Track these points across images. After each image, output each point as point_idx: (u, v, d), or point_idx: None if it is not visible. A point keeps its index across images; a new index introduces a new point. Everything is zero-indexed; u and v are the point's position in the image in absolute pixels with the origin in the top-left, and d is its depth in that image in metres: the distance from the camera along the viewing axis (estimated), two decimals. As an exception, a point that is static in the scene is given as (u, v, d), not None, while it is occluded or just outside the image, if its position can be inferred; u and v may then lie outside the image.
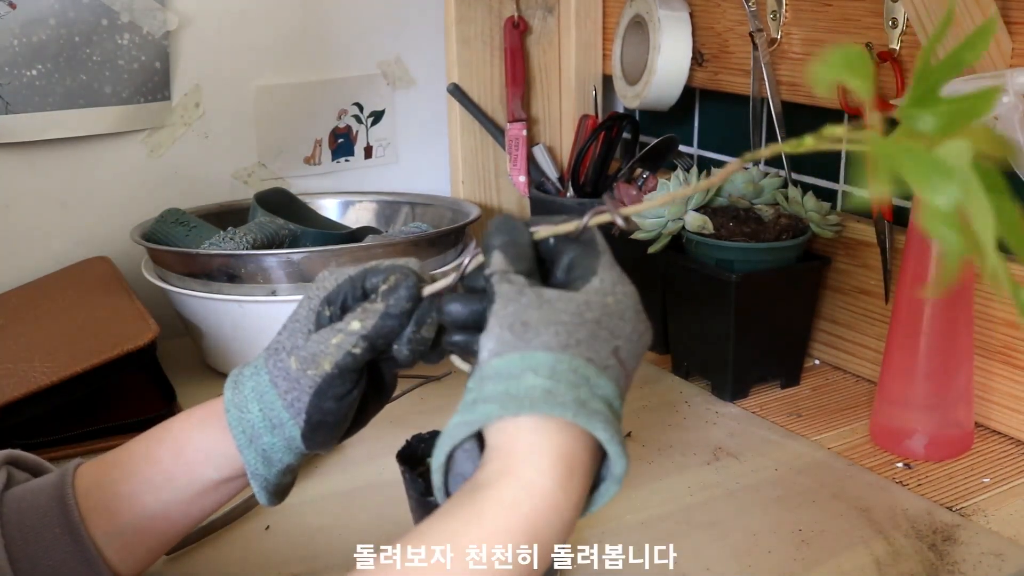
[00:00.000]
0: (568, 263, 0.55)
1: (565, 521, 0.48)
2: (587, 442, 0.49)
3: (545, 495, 0.47)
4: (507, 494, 0.47)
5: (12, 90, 1.08)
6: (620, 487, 0.51)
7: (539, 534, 0.47)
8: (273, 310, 0.99)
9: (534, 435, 0.48)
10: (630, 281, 0.54)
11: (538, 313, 0.51)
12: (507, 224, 0.56)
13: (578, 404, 0.48)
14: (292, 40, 1.25)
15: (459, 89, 1.31)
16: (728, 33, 1.17)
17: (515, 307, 0.51)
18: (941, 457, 0.91)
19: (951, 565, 0.75)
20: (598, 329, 0.51)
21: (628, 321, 0.52)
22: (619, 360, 0.51)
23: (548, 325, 0.50)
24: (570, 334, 0.50)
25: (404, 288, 0.58)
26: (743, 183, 1.06)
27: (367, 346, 0.57)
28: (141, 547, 0.62)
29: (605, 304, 0.52)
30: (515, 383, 0.49)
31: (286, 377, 0.59)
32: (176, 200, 1.17)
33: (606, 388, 0.50)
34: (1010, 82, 0.81)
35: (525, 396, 0.48)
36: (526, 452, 0.48)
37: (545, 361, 0.49)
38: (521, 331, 0.50)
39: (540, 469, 0.47)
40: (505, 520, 0.47)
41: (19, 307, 1.06)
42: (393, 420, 0.71)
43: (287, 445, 0.60)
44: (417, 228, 1.18)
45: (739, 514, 0.82)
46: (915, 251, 0.88)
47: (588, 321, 0.51)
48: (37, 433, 0.89)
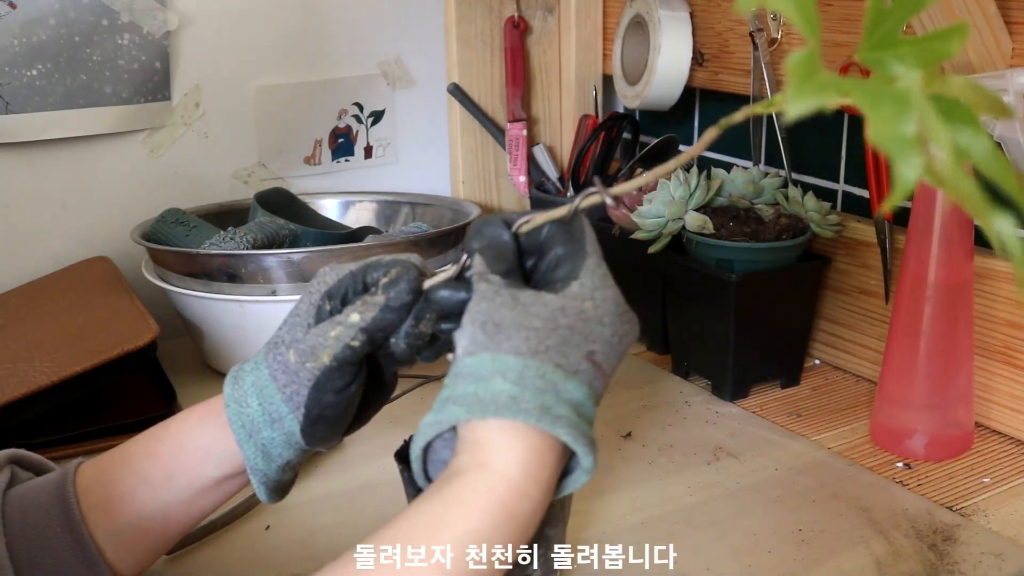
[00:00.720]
0: (554, 261, 0.56)
1: (536, 504, 0.51)
2: (554, 440, 0.52)
3: (515, 484, 0.50)
4: (481, 482, 0.50)
5: (12, 90, 1.08)
6: (591, 475, 0.53)
7: (514, 516, 0.50)
8: (273, 310, 0.99)
9: (502, 434, 0.51)
10: (614, 283, 0.55)
11: (511, 315, 0.52)
12: (487, 226, 0.57)
13: (541, 410, 0.50)
14: (292, 40, 1.25)
15: (459, 89, 1.31)
16: (728, 33, 1.17)
17: (488, 306, 0.53)
18: (941, 457, 0.91)
19: (951, 565, 0.75)
20: (571, 335, 0.52)
21: (607, 325, 0.53)
22: (593, 363, 0.53)
23: (519, 329, 0.52)
24: (540, 340, 0.52)
25: (405, 281, 0.58)
26: (743, 183, 1.06)
27: (366, 339, 0.57)
28: (141, 546, 0.62)
29: (582, 310, 0.53)
30: (484, 386, 0.51)
31: (285, 371, 0.59)
32: (176, 200, 1.17)
33: (575, 392, 0.52)
34: (1010, 82, 0.81)
35: (491, 401, 0.51)
36: (495, 447, 0.51)
37: (514, 366, 0.51)
38: (493, 331, 0.52)
39: (508, 462, 0.50)
40: (484, 503, 0.50)
41: (19, 307, 1.06)
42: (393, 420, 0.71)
43: (286, 440, 0.60)
44: (417, 228, 1.18)
45: (739, 514, 0.82)
46: (915, 251, 0.88)
47: (561, 327, 0.52)
48: (37, 433, 0.89)
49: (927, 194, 0.86)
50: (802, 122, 0.41)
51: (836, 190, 1.12)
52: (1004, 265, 0.92)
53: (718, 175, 1.07)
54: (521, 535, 0.51)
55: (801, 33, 0.40)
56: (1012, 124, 0.81)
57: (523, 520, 0.51)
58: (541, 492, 0.51)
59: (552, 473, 0.52)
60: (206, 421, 0.62)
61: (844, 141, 1.10)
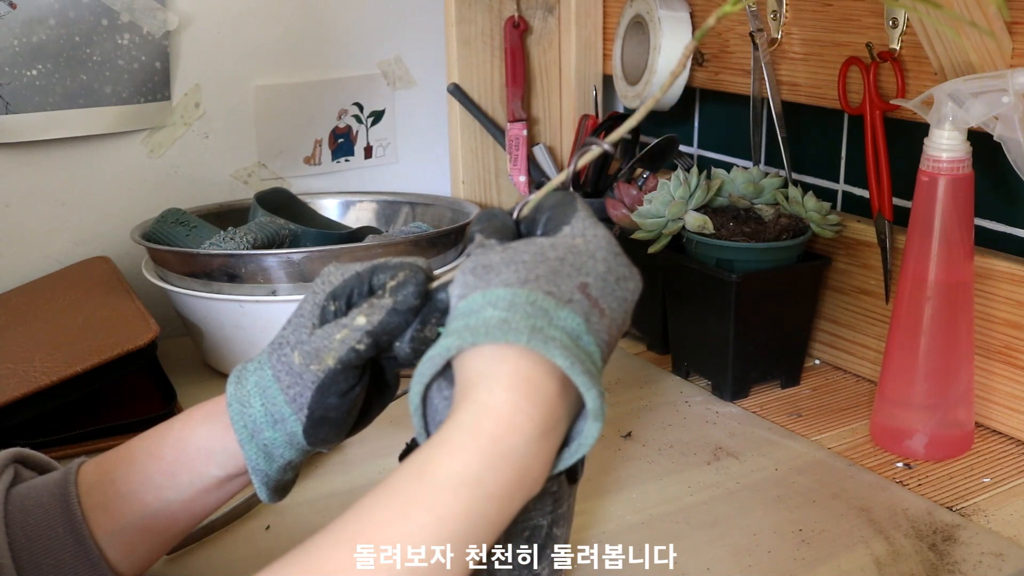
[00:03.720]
0: (544, 221, 0.56)
1: (532, 448, 0.48)
2: (550, 370, 0.50)
3: (501, 416, 0.48)
4: (466, 417, 0.48)
5: (12, 90, 1.08)
6: (601, 423, 0.50)
7: (507, 454, 0.47)
8: (273, 310, 0.99)
9: (490, 362, 0.49)
10: (608, 232, 0.55)
11: (500, 257, 0.53)
12: (487, 212, 0.58)
13: (532, 331, 0.49)
14: (292, 40, 1.26)
15: (459, 89, 1.31)
16: (728, 33, 1.17)
17: (479, 255, 0.54)
18: (941, 457, 0.91)
19: (951, 565, 0.75)
20: (560, 266, 0.52)
21: (600, 261, 0.53)
22: (588, 296, 0.52)
23: (508, 264, 0.52)
24: (529, 270, 0.52)
25: (412, 285, 0.58)
26: (743, 183, 1.06)
27: (371, 342, 0.57)
28: (143, 546, 0.62)
29: (572, 245, 0.53)
30: (474, 317, 0.50)
31: (289, 372, 0.59)
32: (176, 200, 1.17)
33: (568, 320, 0.51)
34: (1010, 82, 0.81)
35: (481, 326, 0.49)
36: (481, 377, 0.49)
37: (503, 296, 0.51)
38: (483, 273, 0.52)
39: (493, 391, 0.48)
40: (470, 441, 0.47)
41: (19, 307, 1.06)
42: (393, 420, 0.70)
43: (288, 440, 0.60)
44: (417, 228, 1.18)
45: (739, 514, 0.82)
46: (915, 251, 0.88)
47: (550, 259, 0.52)
48: (37, 433, 0.89)
49: (927, 194, 0.86)
50: (803, 122, 0.41)
51: (836, 190, 1.12)
52: (1004, 265, 0.92)
53: (718, 175, 1.07)
54: (519, 479, 0.48)
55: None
56: (1012, 124, 0.81)
57: (518, 460, 0.48)
58: (535, 428, 0.48)
59: (550, 411, 0.49)
60: (208, 421, 0.62)
61: (844, 141, 1.10)
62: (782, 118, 1.10)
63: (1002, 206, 0.97)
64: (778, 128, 1.10)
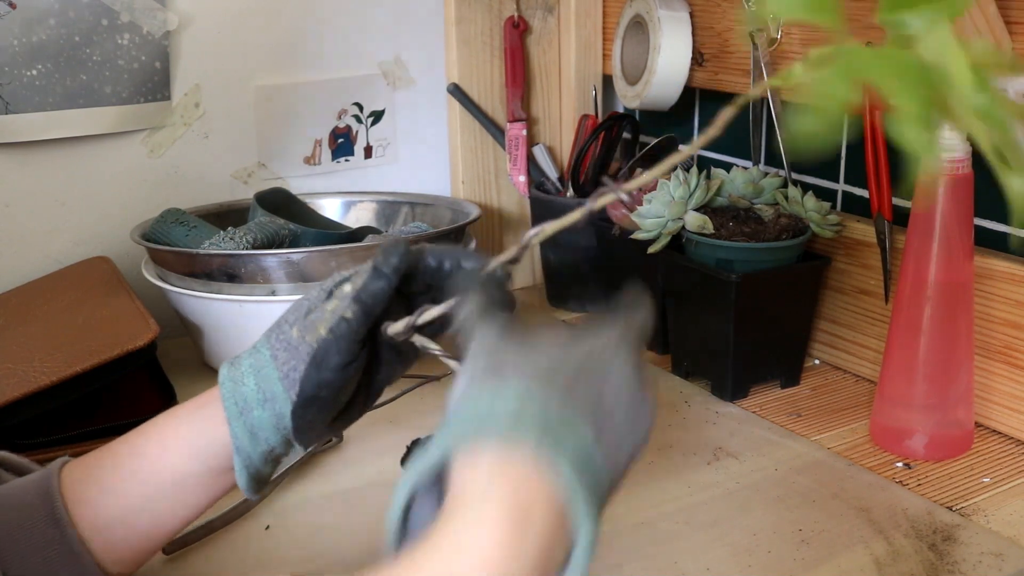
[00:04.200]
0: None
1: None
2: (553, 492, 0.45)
3: (491, 560, 0.42)
4: (447, 545, 0.43)
5: (12, 90, 1.08)
6: (592, 553, 0.45)
7: None
8: (273, 310, 0.98)
9: (489, 475, 0.44)
10: None
11: (513, 357, 0.50)
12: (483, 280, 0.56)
13: (543, 432, 0.45)
14: (292, 40, 1.25)
15: (459, 89, 1.31)
16: (728, 33, 1.17)
17: (487, 352, 0.50)
18: (941, 457, 0.91)
19: (951, 565, 0.75)
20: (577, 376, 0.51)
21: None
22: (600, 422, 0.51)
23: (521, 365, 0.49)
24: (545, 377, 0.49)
25: (394, 249, 0.59)
26: (743, 183, 1.06)
27: (359, 309, 0.58)
28: (128, 543, 0.61)
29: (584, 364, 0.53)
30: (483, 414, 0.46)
31: (287, 347, 0.60)
32: (176, 200, 1.17)
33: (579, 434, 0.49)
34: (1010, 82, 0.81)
35: (490, 420, 0.46)
36: (475, 498, 0.44)
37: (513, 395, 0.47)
38: (493, 373, 0.49)
39: (483, 522, 0.43)
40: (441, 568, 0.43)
41: (19, 307, 1.06)
42: (393, 420, 0.71)
43: (275, 423, 0.60)
44: (417, 228, 1.18)
45: (739, 514, 0.82)
46: (915, 251, 0.88)
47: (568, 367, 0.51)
48: (37, 433, 0.89)
49: (927, 194, 0.86)
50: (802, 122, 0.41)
51: (836, 190, 1.12)
52: (1004, 265, 0.92)
53: (718, 175, 1.07)
54: None
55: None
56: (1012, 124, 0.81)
57: None
58: (525, 572, 0.43)
59: (547, 547, 0.44)
60: (192, 416, 0.62)
61: (844, 141, 1.10)
62: (782, 118, 1.10)
63: (1002, 206, 0.97)
64: (778, 128, 1.10)
